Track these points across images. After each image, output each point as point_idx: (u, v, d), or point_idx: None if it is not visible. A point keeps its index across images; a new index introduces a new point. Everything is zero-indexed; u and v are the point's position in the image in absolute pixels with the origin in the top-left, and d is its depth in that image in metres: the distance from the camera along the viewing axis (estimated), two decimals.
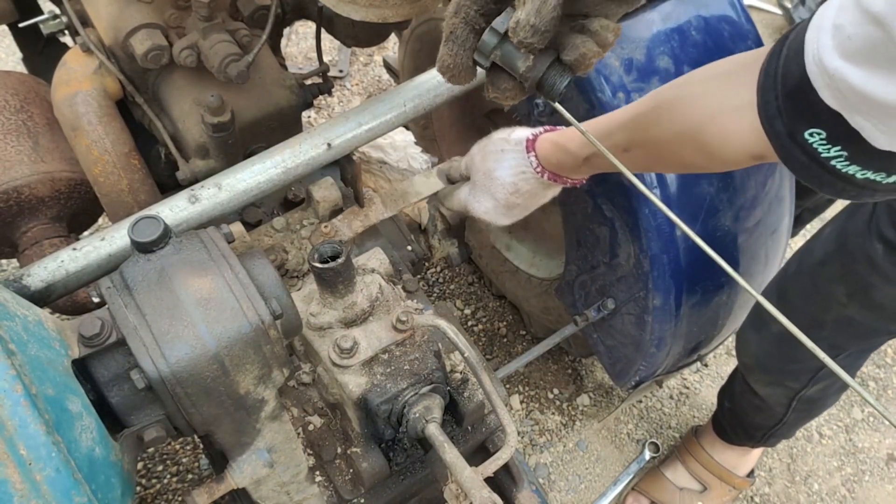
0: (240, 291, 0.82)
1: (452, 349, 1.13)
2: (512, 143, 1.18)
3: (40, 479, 0.68)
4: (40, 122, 1.41)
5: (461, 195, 1.28)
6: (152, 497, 1.90)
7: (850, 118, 0.67)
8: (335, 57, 2.88)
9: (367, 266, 1.15)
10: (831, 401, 1.61)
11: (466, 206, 1.27)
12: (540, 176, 1.16)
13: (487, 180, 1.21)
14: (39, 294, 1.00)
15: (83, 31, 1.29)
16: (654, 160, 1.02)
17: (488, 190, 1.22)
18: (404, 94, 1.20)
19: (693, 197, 1.34)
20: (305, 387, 1.14)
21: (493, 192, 1.21)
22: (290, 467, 0.98)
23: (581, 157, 1.10)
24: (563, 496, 1.95)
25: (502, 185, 1.19)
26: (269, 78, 1.36)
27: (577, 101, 1.32)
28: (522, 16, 0.70)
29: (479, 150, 1.23)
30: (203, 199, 1.09)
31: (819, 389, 1.49)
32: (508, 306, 2.26)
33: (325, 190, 1.26)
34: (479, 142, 1.25)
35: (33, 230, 1.39)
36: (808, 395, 1.51)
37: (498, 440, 1.18)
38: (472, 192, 1.26)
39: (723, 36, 1.36)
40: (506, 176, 1.19)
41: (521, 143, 1.16)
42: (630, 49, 1.30)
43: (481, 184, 1.22)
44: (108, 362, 0.83)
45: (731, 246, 1.40)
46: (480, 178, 1.22)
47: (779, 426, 1.64)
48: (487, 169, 1.20)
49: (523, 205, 1.22)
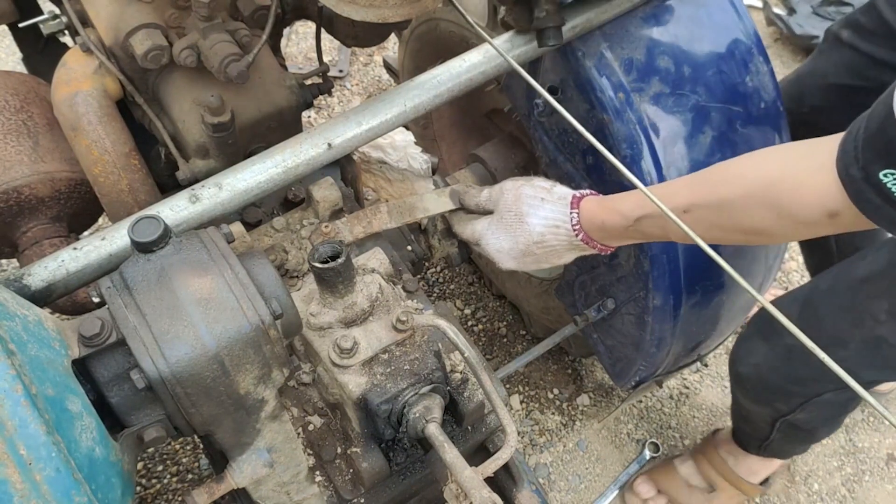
0: (240, 291, 0.82)
1: (452, 349, 1.13)
2: (554, 196, 1.16)
3: (40, 479, 0.68)
4: (40, 122, 1.41)
5: (478, 226, 1.24)
6: (152, 497, 1.90)
7: None
8: (335, 57, 2.88)
9: (367, 266, 1.15)
10: (823, 432, 1.56)
11: (480, 240, 1.24)
12: (575, 235, 1.14)
13: (516, 222, 1.18)
14: (40, 294, 1.00)
15: (83, 31, 1.29)
16: (717, 222, 0.98)
17: (512, 232, 1.18)
18: (404, 94, 1.20)
19: None
20: (305, 387, 1.14)
21: (517, 235, 1.18)
22: (290, 467, 0.98)
23: (632, 217, 1.07)
24: (563, 496, 1.95)
25: (530, 233, 1.16)
26: (269, 78, 1.35)
27: (577, 100, 1.32)
28: None
29: (513, 189, 1.19)
30: (204, 199, 1.09)
31: (807, 418, 1.44)
32: (508, 306, 2.26)
33: (325, 190, 1.26)
34: (513, 180, 1.22)
35: (33, 230, 1.39)
36: (793, 421, 1.46)
37: (498, 440, 1.18)
38: (492, 228, 1.22)
39: (723, 36, 1.36)
40: (537, 224, 1.16)
41: (565, 197, 1.15)
42: (630, 49, 1.30)
43: (507, 223, 1.19)
44: (108, 362, 0.83)
45: (731, 246, 1.40)
46: (509, 218, 1.19)
47: (768, 442, 1.61)
48: (520, 212, 1.17)
49: (539, 257, 1.19)
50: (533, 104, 1.41)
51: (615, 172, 1.30)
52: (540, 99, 1.37)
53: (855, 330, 1.21)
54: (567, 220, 1.13)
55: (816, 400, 1.35)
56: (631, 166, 1.29)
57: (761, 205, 0.91)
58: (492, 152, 1.69)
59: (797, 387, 1.34)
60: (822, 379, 1.30)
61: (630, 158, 1.29)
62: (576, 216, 1.13)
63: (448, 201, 1.30)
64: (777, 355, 1.33)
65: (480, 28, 1.23)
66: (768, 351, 1.34)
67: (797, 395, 1.35)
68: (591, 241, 1.15)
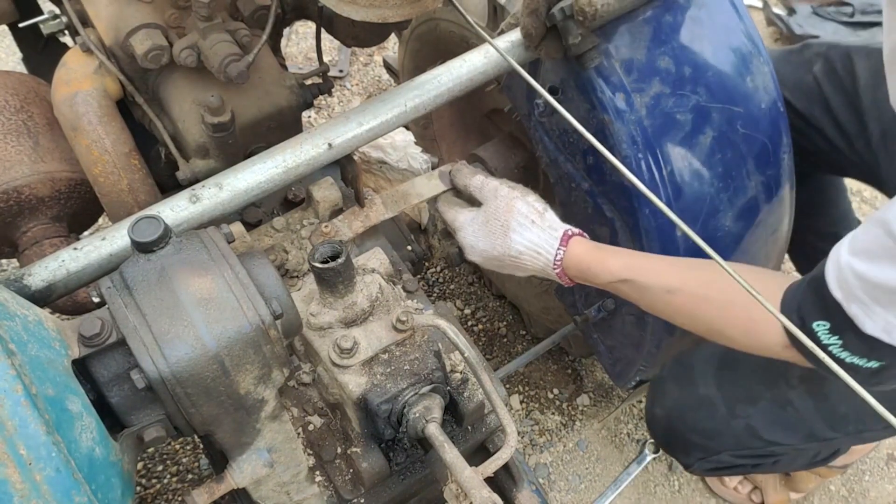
0: (240, 291, 0.82)
1: (452, 349, 1.13)
2: (545, 223, 1.19)
3: (40, 479, 0.68)
4: (40, 122, 1.41)
5: (461, 217, 1.26)
6: (152, 497, 1.90)
7: (848, 308, 0.89)
8: (335, 57, 2.88)
9: (367, 266, 1.15)
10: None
11: (459, 230, 1.26)
12: (553, 269, 1.18)
13: (500, 232, 1.20)
14: (40, 293, 1.00)
15: (83, 31, 1.29)
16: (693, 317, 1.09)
17: (493, 238, 1.21)
18: (405, 94, 1.20)
19: (693, 197, 1.34)
20: (305, 387, 1.14)
21: (496, 243, 1.21)
22: (290, 467, 0.98)
23: (618, 277, 1.12)
24: (563, 496, 1.95)
25: (509, 247, 1.20)
26: (269, 78, 1.35)
27: (578, 100, 1.32)
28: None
29: (507, 198, 1.21)
30: (204, 199, 1.09)
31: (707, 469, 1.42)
32: (508, 306, 2.26)
33: (326, 190, 1.26)
34: (509, 186, 1.22)
35: (33, 230, 1.39)
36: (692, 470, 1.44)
37: (498, 440, 1.18)
38: (474, 226, 1.24)
39: (723, 36, 1.36)
40: (520, 244, 1.19)
41: (556, 230, 1.18)
42: (630, 49, 1.30)
43: (491, 229, 1.21)
44: (108, 362, 0.83)
45: (731, 246, 1.40)
46: (494, 225, 1.21)
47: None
48: (507, 224, 1.19)
49: (505, 266, 1.24)
50: (533, 104, 1.41)
51: (615, 173, 1.30)
52: (540, 99, 1.37)
53: (767, 390, 1.24)
54: (552, 253, 1.18)
55: (714, 458, 1.35)
56: (631, 166, 1.29)
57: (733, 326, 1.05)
58: (492, 152, 1.69)
59: (699, 438, 1.33)
60: (724, 436, 1.30)
61: (630, 159, 1.29)
62: (562, 253, 1.17)
63: (439, 184, 1.32)
64: (687, 404, 1.33)
65: (481, 28, 1.23)
66: (680, 397, 1.34)
67: (697, 447, 1.35)
68: (563, 277, 1.19)
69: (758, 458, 1.32)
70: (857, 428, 1.25)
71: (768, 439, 1.27)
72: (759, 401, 1.26)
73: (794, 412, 1.24)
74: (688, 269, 1.10)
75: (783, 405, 1.24)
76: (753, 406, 1.26)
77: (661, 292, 1.08)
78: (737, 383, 1.25)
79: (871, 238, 0.86)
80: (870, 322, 0.88)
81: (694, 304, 1.08)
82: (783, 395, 1.22)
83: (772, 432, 1.27)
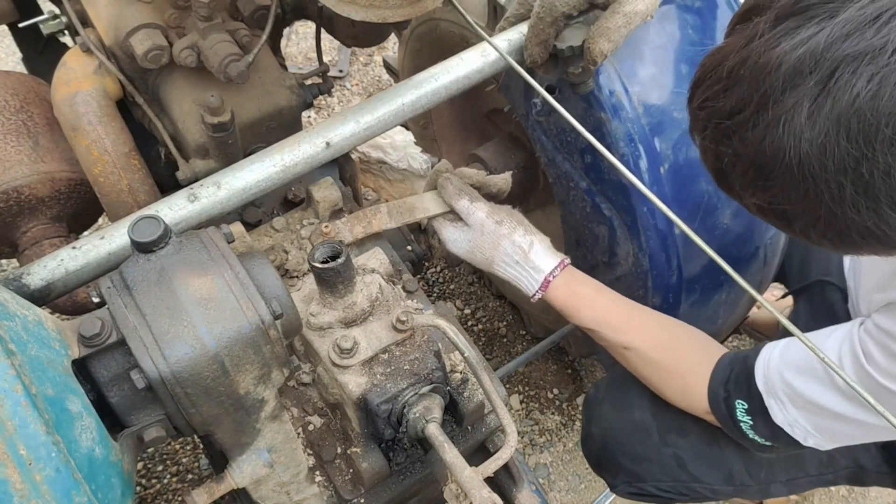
0: (240, 291, 0.82)
1: (452, 349, 1.13)
2: (528, 264, 1.24)
3: (40, 479, 0.68)
4: (40, 122, 1.41)
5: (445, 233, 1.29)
6: (152, 497, 1.90)
7: (767, 400, 1.09)
8: (335, 57, 2.88)
9: (367, 266, 1.15)
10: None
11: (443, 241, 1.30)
12: (530, 297, 1.27)
13: (483, 262, 1.27)
14: (39, 293, 1.00)
15: (83, 31, 1.29)
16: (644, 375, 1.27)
17: (475, 261, 1.28)
18: (402, 93, 1.20)
19: (691, 195, 1.34)
20: (305, 387, 1.14)
21: (478, 264, 1.28)
22: (290, 467, 0.98)
23: (587, 326, 1.27)
24: (563, 496, 1.95)
25: (492, 271, 1.28)
26: (269, 78, 1.36)
27: (575, 99, 1.32)
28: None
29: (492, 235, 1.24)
30: (202, 198, 1.09)
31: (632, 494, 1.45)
32: (508, 306, 2.26)
33: (325, 190, 1.26)
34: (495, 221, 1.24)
35: (33, 230, 1.39)
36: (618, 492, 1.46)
37: (498, 440, 1.18)
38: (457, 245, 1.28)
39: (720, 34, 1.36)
40: (502, 274, 1.27)
41: (540, 271, 1.24)
42: (628, 48, 1.30)
43: (474, 257, 1.27)
44: (108, 362, 0.83)
45: (729, 244, 1.40)
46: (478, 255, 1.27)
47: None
48: (491, 259, 1.26)
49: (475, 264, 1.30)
50: (531, 104, 1.41)
51: (613, 171, 1.30)
52: (538, 98, 1.37)
53: (696, 424, 1.29)
54: (531, 291, 1.26)
55: (638, 485, 1.37)
56: (629, 165, 1.29)
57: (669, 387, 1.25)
58: (492, 152, 1.69)
59: (629, 462, 1.36)
60: (652, 462, 1.33)
61: (628, 157, 1.29)
62: (540, 295, 1.26)
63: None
64: (623, 428, 1.36)
65: (480, 28, 1.23)
66: (615, 420, 1.37)
67: (625, 471, 1.37)
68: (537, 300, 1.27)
69: (677, 495, 1.37)
70: (766, 478, 1.34)
71: (693, 473, 1.32)
72: (689, 433, 1.31)
73: (719, 450, 1.31)
74: (646, 330, 1.25)
75: (710, 442, 1.31)
76: (683, 438, 1.32)
77: (619, 347, 1.25)
78: (671, 413, 1.30)
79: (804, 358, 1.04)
80: (780, 415, 1.08)
81: (643, 364, 1.25)
82: (711, 432, 1.29)
83: (696, 466, 1.32)
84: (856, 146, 0.68)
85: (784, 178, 0.73)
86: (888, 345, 0.94)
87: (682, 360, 1.23)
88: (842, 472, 1.34)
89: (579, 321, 1.27)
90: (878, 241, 0.74)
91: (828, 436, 1.08)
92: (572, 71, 1.23)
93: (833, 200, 0.71)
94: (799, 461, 1.33)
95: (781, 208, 0.77)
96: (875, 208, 0.70)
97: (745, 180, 0.78)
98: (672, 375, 1.24)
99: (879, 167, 0.68)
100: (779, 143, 0.72)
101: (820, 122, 0.69)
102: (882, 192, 0.69)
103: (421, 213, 1.28)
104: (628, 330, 1.25)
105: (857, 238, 0.74)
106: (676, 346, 1.25)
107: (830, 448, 1.12)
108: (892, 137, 0.67)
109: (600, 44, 1.15)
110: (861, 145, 0.68)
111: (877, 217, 0.71)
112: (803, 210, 0.75)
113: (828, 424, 1.06)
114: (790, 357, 1.08)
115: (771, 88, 0.72)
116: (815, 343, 1.01)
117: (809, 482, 1.36)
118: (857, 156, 0.68)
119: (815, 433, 1.08)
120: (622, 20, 1.14)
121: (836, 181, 0.70)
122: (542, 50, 1.21)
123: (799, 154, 0.71)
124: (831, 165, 0.70)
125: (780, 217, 0.79)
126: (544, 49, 1.21)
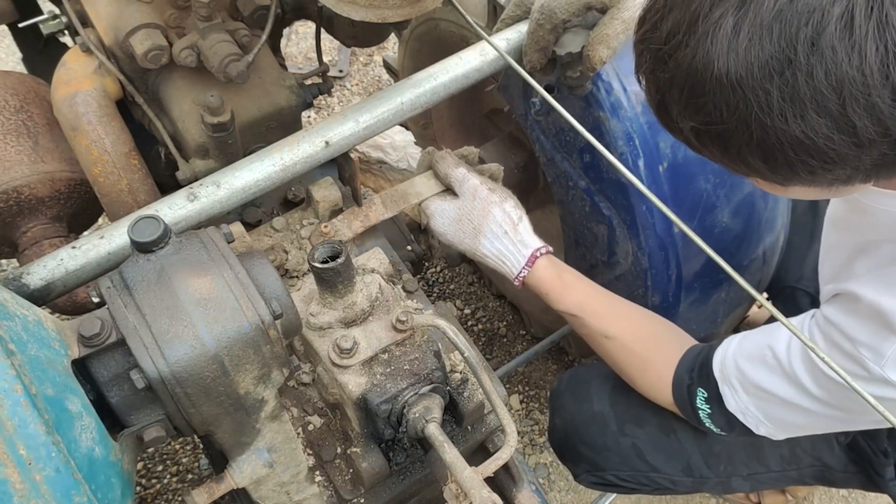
0: (240, 291, 0.82)
1: (452, 349, 1.13)
2: (517, 237, 1.23)
3: (40, 479, 0.68)
4: (40, 122, 1.41)
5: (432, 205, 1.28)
6: (152, 497, 1.90)
7: (721, 387, 1.12)
8: (335, 57, 2.88)
9: (367, 266, 1.15)
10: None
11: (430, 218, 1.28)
12: (513, 278, 1.25)
13: (470, 233, 1.25)
14: (39, 292, 1.00)
15: (83, 31, 1.29)
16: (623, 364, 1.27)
17: (461, 235, 1.25)
18: (401, 92, 1.20)
19: (690, 193, 1.34)
20: (305, 387, 1.14)
21: (463, 240, 1.26)
22: (290, 467, 0.98)
23: (569, 311, 1.26)
24: (563, 496, 1.95)
25: (476, 248, 1.25)
26: (269, 78, 1.35)
27: (572, 98, 1.32)
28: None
29: (484, 202, 1.23)
30: (202, 197, 1.09)
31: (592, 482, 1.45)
32: (508, 306, 2.26)
33: (325, 190, 1.26)
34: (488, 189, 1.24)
35: (33, 230, 1.39)
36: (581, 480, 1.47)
37: (498, 440, 1.18)
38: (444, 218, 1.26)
39: None
40: (486, 249, 1.25)
41: (527, 246, 1.23)
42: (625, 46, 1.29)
43: (462, 227, 1.25)
44: (107, 362, 0.83)
45: (728, 243, 1.40)
46: (465, 225, 1.25)
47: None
48: (479, 228, 1.24)
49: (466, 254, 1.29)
50: (530, 103, 1.41)
51: (612, 170, 1.30)
52: (537, 98, 1.37)
53: (655, 416, 1.30)
54: (516, 267, 1.24)
55: (599, 474, 1.38)
56: (627, 164, 1.29)
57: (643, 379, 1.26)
58: (492, 152, 1.69)
59: (589, 452, 1.37)
60: (611, 452, 1.35)
61: (626, 156, 1.29)
62: (525, 272, 1.24)
63: (438, 183, 1.31)
64: (582, 418, 1.37)
65: (480, 28, 1.23)
66: (575, 411, 1.38)
67: (586, 460, 1.38)
68: (520, 286, 1.26)
69: (638, 484, 1.38)
70: (726, 471, 1.35)
71: (651, 463, 1.33)
72: (647, 424, 1.33)
73: (677, 441, 1.32)
74: (628, 320, 1.26)
75: (668, 433, 1.32)
76: (641, 428, 1.33)
77: (600, 335, 1.25)
78: (629, 404, 1.32)
79: (757, 347, 1.08)
80: (733, 402, 1.12)
81: (623, 354, 1.25)
82: (669, 423, 1.30)
83: (654, 456, 1.33)
84: (778, 49, 0.70)
85: (715, 92, 0.74)
86: (831, 335, 0.97)
87: (660, 353, 1.24)
88: (807, 469, 1.35)
89: (563, 306, 1.26)
90: (810, 156, 0.74)
91: (777, 424, 1.11)
92: (570, 75, 1.23)
93: (762, 110, 0.72)
94: (759, 456, 1.34)
95: (717, 129, 0.77)
96: (801, 114, 0.71)
97: (682, 104, 0.79)
98: (648, 367, 1.24)
99: (802, 69, 0.69)
100: (708, 56, 0.73)
101: (745, 29, 0.71)
102: (807, 96, 0.70)
103: (414, 198, 1.29)
104: (611, 319, 1.25)
105: (791, 154, 0.74)
106: (655, 339, 1.25)
107: (782, 438, 1.16)
108: (812, 37, 0.68)
109: (599, 51, 1.16)
110: (784, 48, 0.70)
111: (804, 123, 0.71)
112: (735, 126, 0.75)
113: (777, 412, 1.09)
114: (746, 346, 1.11)
115: (700, 5, 0.74)
116: (768, 333, 1.06)
117: (772, 478, 1.37)
118: (781, 59, 0.70)
119: (766, 422, 1.11)
120: (621, 26, 1.14)
121: (763, 88, 0.71)
122: (541, 56, 1.22)
123: (727, 64, 0.72)
124: (757, 72, 0.71)
125: (718, 141, 0.79)
126: (543, 55, 1.22)
